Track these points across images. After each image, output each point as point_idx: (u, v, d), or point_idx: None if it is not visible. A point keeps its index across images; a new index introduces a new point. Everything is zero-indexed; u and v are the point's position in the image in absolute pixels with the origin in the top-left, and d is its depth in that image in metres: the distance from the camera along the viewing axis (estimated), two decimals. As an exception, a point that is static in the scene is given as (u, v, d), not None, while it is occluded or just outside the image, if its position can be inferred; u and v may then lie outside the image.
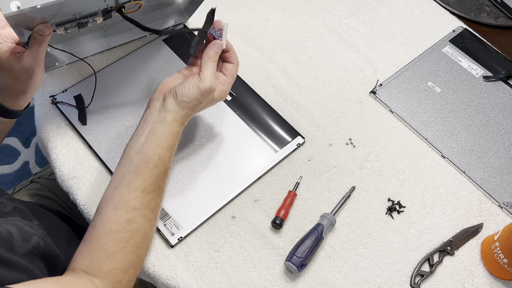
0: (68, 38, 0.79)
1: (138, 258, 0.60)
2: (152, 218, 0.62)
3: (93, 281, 0.56)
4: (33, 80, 0.64)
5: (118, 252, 0.57)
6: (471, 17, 0.98)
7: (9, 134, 1.62)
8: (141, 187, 0.60)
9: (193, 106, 0.63)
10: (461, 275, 0.68)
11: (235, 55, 0.68)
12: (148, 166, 0.61)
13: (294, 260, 0.64)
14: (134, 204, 0.59)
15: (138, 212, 0.59)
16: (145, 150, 0.61)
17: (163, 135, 0.62)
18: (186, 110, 0.63)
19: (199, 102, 0.63)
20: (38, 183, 0.87)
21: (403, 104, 0.83)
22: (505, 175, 0.76)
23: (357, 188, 0.74)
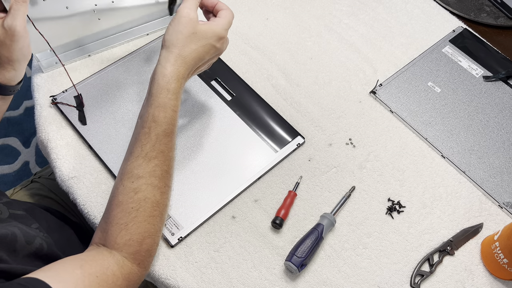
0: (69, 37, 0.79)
1: (154, 227, 0.59)
2: (161, 186, 0.60)
3: (112, 254, 0.55)
4: (17, 44, 0.62)
5: (130, 223, 0.56)
6: (471, 17, 0.98)
7: (9, 134, 1.63)
8: (142, 154, 0.59)
9: (182, 47, 0.60)
10: (461, 275, 0.68)
11: (223, 4, 0.66)
12: (144, 130, 0.59)
13: (294, 260, 0.64)
14: (138, 172, 0.58)
15: (144, 181, 0.58)
16: (141, 113, 0.61)
17: (154, 92, 0.60)
18: (175, 54, 0.60)
19: (187, 39, 0.60)
20: (38, 183, 0.87)
21: (403, 104, 0.83)
22: (505, 175, 0.76)
23: (357, 188, 0.74)
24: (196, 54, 0.62)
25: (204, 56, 0.63)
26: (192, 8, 0.61)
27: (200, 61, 0.63)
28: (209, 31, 0.62)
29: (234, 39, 0.89)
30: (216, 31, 0.63)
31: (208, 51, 0.63)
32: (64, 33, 0.78)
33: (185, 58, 0.61)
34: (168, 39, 0.60)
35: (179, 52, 0.61)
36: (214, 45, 0.63)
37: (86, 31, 0.81)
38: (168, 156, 0.61)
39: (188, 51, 0.61)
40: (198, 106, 0.79)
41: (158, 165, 0.59)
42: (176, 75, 0.60)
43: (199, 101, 0.80)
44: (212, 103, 0.80)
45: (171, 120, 0.61)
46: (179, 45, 0.60)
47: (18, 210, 0.64)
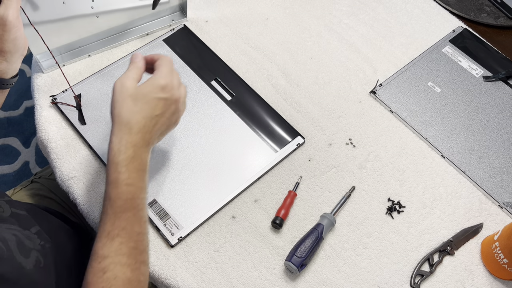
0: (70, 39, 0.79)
1: None
2: (130, 263, 0.56)
3: None
4: (9, 35, 0.61)
5: None
6: (471, 17, 0.98)
7: (9, 134, 1.63)
8: (104, 233, 0.56)
9: (121, 114, 0.58)
10: (461, 275, 0.68)
11: (157, 55, 0.64)
12: (103, 208, 0.57)
13: (294, 260, 0.64)
14: (103, 252, 0.55)
15: (110, 260, 0.55)
16: (104, 190, 0.59)
17: (107, 168, 0.57)
18: (116, 124, 0.58)
19: (125, 104, 0.58)
20: (38, 183, 0.87)
21: (403, 104, 0.83)
22: (505, 175, 0.76)
23: (357, 188, 0.74)
24: (141, 115, 0.59)
25: (153, 112, 0.59)
26: (125, 76, 0.59)
27: (151, 120, 0.60)
28: (147, 87, 0.60)
29: (234, 39, 0.89)
30: (154, 83, 0.60)
31: (156, 106, 0.60)
32: (64, 34, 0.78)
33: (129, 124, 0.58)
34: (110, 113, 0.59)
35: (120, 120, 0.58)
36: (158, 98, 0.60)
37: (86, 32, 0.81)
38: (133, 232, 0.57)
39: (130, 116, 0.58)
40: (198, 106, 0.79)
41: (123, 243, 0.56)
42: (122, 145, 0.57)
43: (199, 101, 0.80)
44: (212, 103, 0.80)
45: (126, 195, 0.57)
46: (118, 114, 0.58)
47: (20, 209, 0.64)
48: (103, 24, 0.81)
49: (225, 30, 0.90)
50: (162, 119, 0.61)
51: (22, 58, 0.66)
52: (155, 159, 0.73)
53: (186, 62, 0.84)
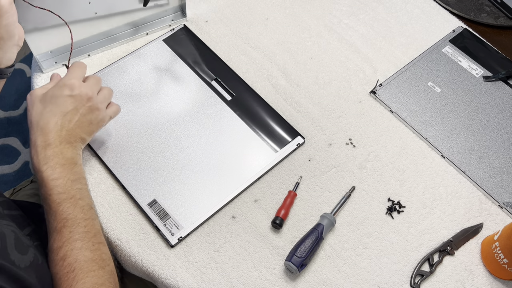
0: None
1: (100, 279, 0.58)
2: (87, 246, 0.59)
3: None
4: (2, 20, 0.60)
5: (73, 284, 0.56)
6: (471, 17, 0.98)
7: (9, 134, 1.63)
8: (51, 229, 0.59)
9: (31, 118, 0.61)
10: (461, 275, 0.68)
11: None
12: (44, 210, 0.61)
13: (294, 260, 0.64)
14: (57, 245, 0.58)
15: (66, 248, 0.58)
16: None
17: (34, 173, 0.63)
18: (31, 127, 0.61)
19: (35, 108, 0.62)
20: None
21: (403, 104, 0.83)
22: (505, 175, 0.76)
23: (357, 188, 0.74)
24: (50, 114, 0.61)
25: (64, 110, 0.62)
26: (37, 88, 0.64)
27: (63, 117, 0.62)
28: (54, 88, 0.63)
29: (234, 39, 0.89)
30: (59, 83, 0.63)
31: (64, 103, 0.62)
32: (64, 34, 0.78)
33: (39, 125, 0.61)
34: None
35: (31, 125, 0.61)
36: (66, 95, 0.63)
37: (86, 32, 0.81)
38: (78, 219, 0.60)
39: (39, 118, 0.61)
40: (198, 106, 0.79)
41: (72, 231, 0.59)
42: (37, 146, 0.60)
43: (199, 101, 0.80)
44: (212, 103, 0.80)
45: (57, 189, 0.60)
46: (29, 120, 0.61)
47: (15, 210, 0.64)
48: (103, 25, 0.81)
49: (225, 30, 0.90)
50: (77, 115, 0.63)
51: (17, 49, 0.65)
52: (156, 159, 0.73)
53: (186, 62, 0.84)
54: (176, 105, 0.79)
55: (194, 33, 0.89)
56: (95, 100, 0.65)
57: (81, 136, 0.65)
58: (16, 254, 0.54)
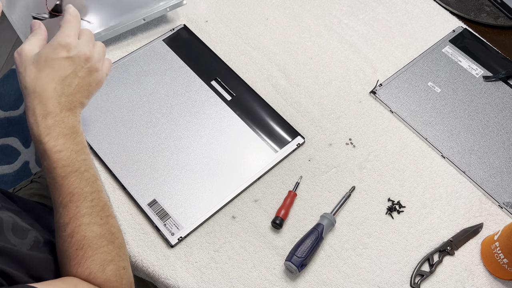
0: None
1: (109, 255, 0.57)
2: (95, 221, 0.56)
3: None
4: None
5: (82, 261, 0.55)
6: (471, 17, 0.98)
7: (9, 134, 1.63)
8: (56, 205, 0.56)
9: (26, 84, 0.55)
10: (461, 275, 0.68)
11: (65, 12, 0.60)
12: (47, 182, 0.57)
13: (294, 260, 0.64)
14: (63, 221, 0.56)
15: (73, 225, 0.55)
16: None
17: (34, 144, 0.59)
18: (26, 95, 0.55)
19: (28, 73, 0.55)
20: (38, 183, 0.87)
21: (403, 104, 0.83)
22: (505, 175, 0.76)
23: (357, 188, 0.74)
24: (48, 79, 0.56)
25: (61, 74, 0.56)
26: (23, 45, 0.57)
27: (62, 82, 0.56)
28: (48, 49, 0.56)
29: (234, 39, 0.89)
30: (54, 44, 0.56)
31: (61, 67, 0.56)
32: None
33: (36, 92, 0.55)
34: (20, 88, 0.57)
35: (27, 92, 0.55)
36: (62, 57, 0.56)
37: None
38: (84, 192, 0.56)
39: (35, 84, 0.55)
40: (198, 106, 0.79)
41: (78, 206, 0.56)
42: (36, 116, 0.55)
43: (199, 101, 0.80)
44: (212, 103, 0.80)
45: (61, 162, 0.55)
46: (24, 86, 0.55)
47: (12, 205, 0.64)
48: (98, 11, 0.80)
49: (225, 30, 0.90)
50: (76, 79, 0.58)
51: None
52: (156, 159, 0.73)
53: (186, 62, 0.84)
54: (176, 105, 0.79)
55: (194, 33, 0.89)
56: (93, 60, 0.60)
57: (81, 100, 0.60)
58: (15, 239, 0.54)
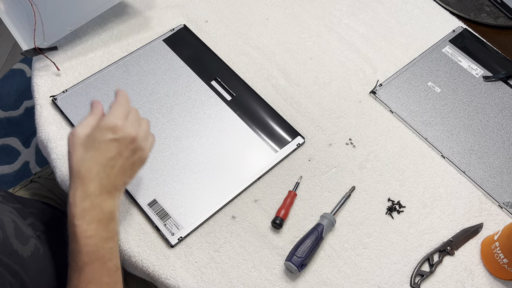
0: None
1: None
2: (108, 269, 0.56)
3: None
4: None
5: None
6: (471, 17, 0.98)
7: (9, 134, 1.63)
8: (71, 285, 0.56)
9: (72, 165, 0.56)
10: (461, 275, 0.68)
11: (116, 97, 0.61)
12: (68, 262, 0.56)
13: (294, 260, 0.64)
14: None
15: None
16: None
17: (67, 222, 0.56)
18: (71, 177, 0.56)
19: (76, 154, 0.56)
20: (38, 183, 0.87)
21: (403, 104, 0.83)
22: (505, 175, 0.76)
23: (357, 188, 0.74)
24: (93, 161, 0.56)
25: (107, 156, 0.56)
26: (78, 125, 0.58)
27: (106, 165, 0.56)
28: (96, 131, 0.57)
29: (234, 39, 0.89)
30: (102, 126, 0.57)
31: (107, 149, 0.56)
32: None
33: (80, 173, 0.55)
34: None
35: (72, 171, 0.55)
36: (109, 139, 0.56)
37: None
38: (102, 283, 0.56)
39: (80, 165, 0.55)
40: (198, 106, 0.79)
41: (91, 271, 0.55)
42: (76, 197, 0.55)
43: (199, 101, 0.80)
44: (212, 103, 0.80)
45: (87, 248, 0.55)
46: (70, 165, 0.56)
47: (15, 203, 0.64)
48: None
49: (225, 30, 0.90)
50: (120, 160, 0.57)
51: None
52: (156, 159, 0.73)
53: (186, 62, 0.84)
54: (176, 105, 0.79)
55: (194, 33, 0.89)
56: (139, 139, 0.59)
57: (124, 181, 0.59)
58: (18, 244, 0.54)
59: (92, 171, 0.55)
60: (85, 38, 0.86)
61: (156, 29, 0.89)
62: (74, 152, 0.56)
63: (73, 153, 0.56)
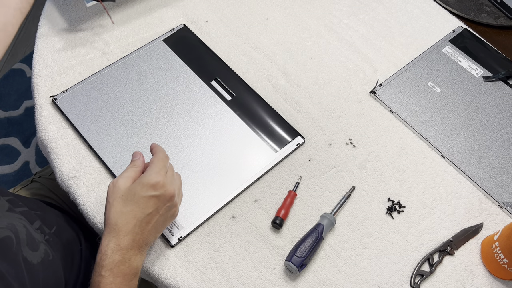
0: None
1: None
2: None
3: None
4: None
5: None
6: (471, 17, 0.98)
7: (9, 134, 1.63)
8: None
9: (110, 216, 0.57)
10: (461, 275, 0.68)
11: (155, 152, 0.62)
12: None
13: (294, 260, 0.64)
14: None
15: None
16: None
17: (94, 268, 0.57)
18: (106, 226, 0.57)
19: (115, 206, 0.57)
20: (38, 183, 0.87)
21: (403, 104, 0.83)
22: (505, 175, 0.76)
23: (357, 188, 0.74)
24: (131, 216, 0.57)
25: (145, 212, 0.57)
26: (119, 176, 0.59)
27: (143, 220, 0.57)
28: (137, 186, 0.57)
29: (234, 39, 0.89)
30: (144, 182, 0.57)
31: (147, 205, 0.57)
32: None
33: (117, 226, 0.56)
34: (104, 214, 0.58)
35: (108, 222, 0.57)
36: (149, 196, 0.57)
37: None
38: None
39: (118, 217, 0.56)
40: (198, 106, 0.79)
41: None
42: (109, 248, 0.56)
43: (199, 101, 0.80)
44: (212, 103, 0.80)
45: None
46: (107, 216, 0.57)
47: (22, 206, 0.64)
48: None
49: (225, 30, 0.90)
50: (156, 216, 0.59)
51: None
52: (155, 159, 0.73)
53: (186, 62, 0.84)
54: (176, 105, 0.79)
55: (194, 33, 0.89)
56: (175, 197, 0.60)
57: (154, 236, 0.60)
58: (28, 251, 0.54)
59: (128, 225, 0.56)
60: (85, 38, 0.86)
61: (156, 29, 0.89)
62: (113, 204, 0.57)
63: (112, 204, 0.57)
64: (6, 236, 0.53)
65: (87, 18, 0.89)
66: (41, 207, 0.72)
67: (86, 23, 0.88)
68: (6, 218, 0.57)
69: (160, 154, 0.61)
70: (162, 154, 0.61)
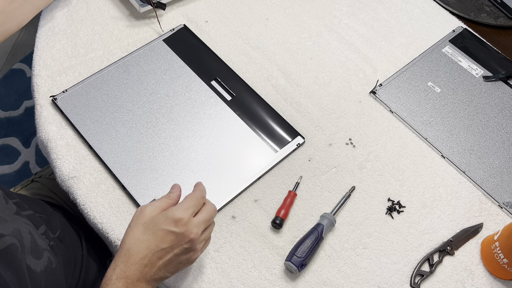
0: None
1: None
2: None
3: None
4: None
5: None
6: (471, 17, 0.98)
7: (9, 134, 1.63)
8: None
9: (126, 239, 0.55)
10: (461, 275, 0.68)
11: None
12: None
13: (294, 260, 0.64)
14: None
15: None
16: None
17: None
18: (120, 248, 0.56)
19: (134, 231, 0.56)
20: (38, 183, 0.87)
21: (403, 104, 0.83)
22: (505, 175, 0.76)
23: (357, 188, 0.74)
24: (145, 245, 0.55)
25: (159, 245, 0.55)
26: (149, 204, 0.58)
27: (155, 253, 0.55)
28: (161, 217, 0.56)
29: (234, 39, 0.89)
30: (168, 214, 0.56)
31: (163, 238, 0.55)
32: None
33: (128, 252, 0.54)
34: None
35: (122, 246, 0.55)
36: (168, 230, 0.55)
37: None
38: None
39: (132, 243, 0.55)
40: (198, 106, 0.79)
41: None
42: (114, 274, 0.54)
43: (199, 101, 0.80)
44: (212, 103, 0.80)
45: None
46: (123, 239, 0.56)
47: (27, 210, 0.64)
48: None
49: (225, 30, 0.90)
50: (169, 254, 0.56)
51: None
52: (156, 159, 0.73)
53: (186, 62, 0.84)
54: (176, 105, 0.79)
55: (194, 33, 0.89)
56: (196, 242, 0.57)
57: (164, 275, 0.57)
58: (32, 259, 0.54)
59: (139, 255, 0.55)
60: (85, 38, 0.86)
61: (156, 29, 0.89)
62: (133, 229, 0.56)
63: (132, 228, 0.56)
64: (11, 244, 0.53)
65: (87, 18, 0.89)
66: (45, 209, 0.72)
67: (86, 23, 0.88)
68: (13, 222, 0.57)
69: (197, 193, 0.59)
70: (198, 193, 0.59)
